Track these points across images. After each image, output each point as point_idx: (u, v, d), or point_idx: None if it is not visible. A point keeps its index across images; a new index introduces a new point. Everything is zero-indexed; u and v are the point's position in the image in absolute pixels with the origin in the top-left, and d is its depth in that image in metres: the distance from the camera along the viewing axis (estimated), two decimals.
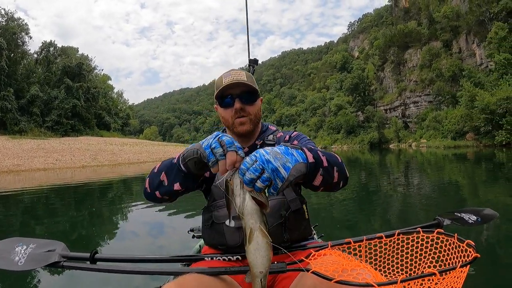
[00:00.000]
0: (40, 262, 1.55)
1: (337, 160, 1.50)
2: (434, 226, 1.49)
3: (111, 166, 32.07)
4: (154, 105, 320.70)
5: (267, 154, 1.19)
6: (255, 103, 1.90)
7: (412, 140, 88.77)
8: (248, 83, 1.81)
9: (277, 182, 1.17)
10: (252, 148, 1.92)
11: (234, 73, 1.84)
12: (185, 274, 1.43)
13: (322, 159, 1.37)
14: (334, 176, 1.44)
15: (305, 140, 1.96)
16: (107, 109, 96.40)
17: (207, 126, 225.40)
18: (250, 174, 1.16)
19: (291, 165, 1.21)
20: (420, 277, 1.22)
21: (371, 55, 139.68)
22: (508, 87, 54.62)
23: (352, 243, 1.47)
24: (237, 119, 1.86)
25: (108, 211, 9.99)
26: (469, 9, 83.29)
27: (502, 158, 27.54)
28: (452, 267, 1.24)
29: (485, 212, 1.75)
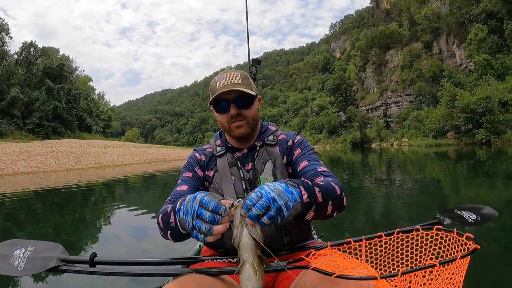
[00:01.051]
0: (40, 267, 1.54)
1: (334, 193, 1.54)
2: (435, 224, 1.51)
3: (95, 169, 31.58)
4: (135, 107, 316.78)
5: (272, 192, 1.22)
6: (252, 107, 1.88)
7: (393, 139, 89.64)
8: (242, 89, 1.78)
9: (277, 220, 1.20)
10: (251, 149, 1.95)
11: (229, 76, 1.82)
12: (185, 275, 1.45)
13: (317, 196, 1.41)
14: (327, 209, 1.49)
15: (307, 150, 1.96)
16: (89, 111, 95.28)
17: (189, 127, 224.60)
18: (257, 211, 1.18)
19: (292, 204, 1.25)
20: (420, 269, 1.25)
21: (353, 56, 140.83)
22: (487, 87, 55.80)
23: (352, 243, 1.48)
24: (233, 123, 1.85)
25: (104, 214, 9.87)
26: (450, 11, 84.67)
27: (483, 156, 28.23)
28: (452, 258, 1.26)
29: (484, 210, 1.76)
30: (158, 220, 1.59)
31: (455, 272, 1.26)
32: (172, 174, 25.21)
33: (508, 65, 59.73)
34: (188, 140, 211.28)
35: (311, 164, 1.83)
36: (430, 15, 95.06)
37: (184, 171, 1.98)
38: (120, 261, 1.56)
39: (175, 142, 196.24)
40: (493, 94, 52.61)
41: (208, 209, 1.19)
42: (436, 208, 8.01)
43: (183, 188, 1.85)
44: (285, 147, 1.97)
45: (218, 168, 1.92)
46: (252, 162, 1.91)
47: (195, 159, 2.01)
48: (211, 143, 2.07)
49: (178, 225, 1.36)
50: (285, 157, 1.93)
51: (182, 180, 1.92)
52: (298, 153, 1.92)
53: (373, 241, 1.47)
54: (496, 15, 67.31)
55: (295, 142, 1.99)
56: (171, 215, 1.45)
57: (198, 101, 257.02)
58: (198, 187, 1.89)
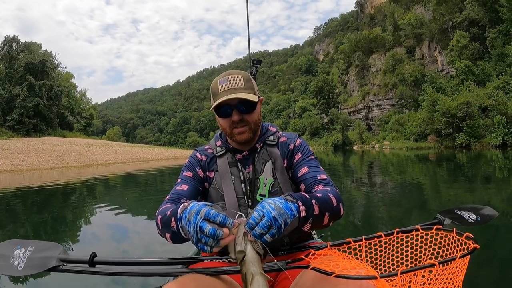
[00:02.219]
0: (40, 267, 1.54)
1: (331, 204, 1.57)
2: (434, 225, 1.52)
3: (79, 168, 30.95)
4: (117, 105, 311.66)
5: (273, 211, 1.26)
6: (254, 111, 1.84)
7: (375, 142, 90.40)
8: (245, 96, 1.74)
9: (275, 237, 1.25)
10: (252, 150, 1.95)
11: (231, 79, 1.78)
12: (185, 274, 1.44)
13: (314, 208, 1.45)
14: (324, 220, 1.53)
15: (308, 155, 1.96)
16: (70, 109, 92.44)
17: (171, 127, 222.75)
18: (260, 230, 1.22)
19: (290, 221, 1.30)
20: (420, 268, 1.25)
21: (336, 59, 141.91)
22: (468, 92, 56.57)
23: (351, 243, 1.49)
24: (236, 129, 1.83)
25: (101, 213, 9.61)
26: (433, 17, 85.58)
27: (463, 159, 28.88)
28: (451, 257, 1.27)
29: (484, 210, 1.77)
30: (157, 221, 1.61)
31: (455, 271, 1.28)
32: (160, 173, 25.42)
33: (489, 72, 60.69)
34: (170, 140, 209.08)
35: (312, 171, 1.86)
36: (413, 21, 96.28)
37: (185, 170, 1.99)
38: (120, 261, 1.55)
39: (157, 142, 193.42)
40: (473, 99, 53.45)
41: (216, 222, 1.21)
42: (418, 210, 8.40)
43: (183, 188, 1.87)
44: (286, 150, 1.98)
45: (218, 168, 1.94)
46: (253, 164, 1.92)
47: (196, 159, 2.01)
48: (211, 144, 2.07)
49: (180, 231, 1.38)
50: (285, 161, 1.95)
51: (182, 179, 1.93)
52: (298, 157, 1.95)
53: (373, 241, 1.51)
54: (478, 23, 68.29)
55: (296, 145, 1.99)
56: (171, 220, 1.47)
57: (180, 101, 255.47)
58: (198, 187, 1.91)
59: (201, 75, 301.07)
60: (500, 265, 4.36)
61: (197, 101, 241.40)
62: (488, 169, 18.81)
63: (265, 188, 1.85)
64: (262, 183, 1.86)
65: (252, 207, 1.83)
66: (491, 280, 3.84)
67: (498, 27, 62.22)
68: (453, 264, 1.25)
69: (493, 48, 63.11)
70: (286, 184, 1.88)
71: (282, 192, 1.85)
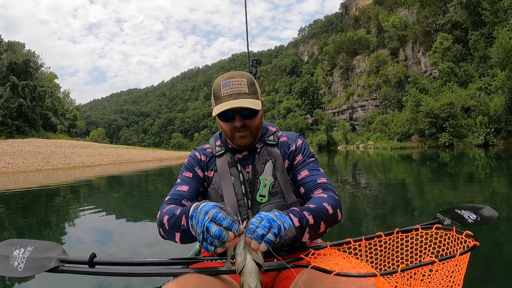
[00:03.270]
0: (39, 268, 1.53)
1: (326, 213, 1.57)
2: (434, 224, 1.52)
3: (65, 170, 30.37)
4: (100, 106, 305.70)
5: (271, 214, 1.31)
6: (257, 116, 1.82)
7: (359, 142, 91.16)
8: (249, 105, 1.71)
9: (278, 237, 1.26)
10: (252, 151, 1.92)
11: (235, 83, 1.75)
12: (185, 274, 1.44)
13: (307, 218, 1.47)
14: (320, 228, 1.54)
15: (308, 157, 1.94)
16: (54, 110, 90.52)
17: (155, 128, 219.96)
18: (261, 231, 1.23)
19: (287, 226, 1.33)
20: (420, 266, 1.25)
21: (320, 60, 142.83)
22: (450, 93, 57.69)
23: (351, 243, 1.49)
24: (237, 133, 1.82)
25: (100, 214, 9.54)
26: (417, 20, 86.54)
27: (446, 158, 29.51)
28: (451, 255, 1.26)
29: (484, 210, 1.76)
30: (163, 221, 1.60)
31: (455, 269, 1.27)
32: (149, 173, 25.54)
33: (471, 73, 61.65)
34: (154, 141, 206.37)
35: (312, 175, 1.85)
36: (397, 23, 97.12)
37: (184, 170, 1.97)
38: (120, 261, 1.54)
39: (141, 143, 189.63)
40: (456, 100, 54.44)
41: (222, 225, 1.23)
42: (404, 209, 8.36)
43: (183, 189, 1.86)
44: (287, 151, 1.95)
45: (218, 168, 1.91)
46: (252, 164, 1.89)
47: (195, 158, 1.99)
48: (210, 143, 2.05)
49: (190, 229, 1.41)
50: (286, 161, 1.93)
51: (182, 180, 1.92)
52: (299, 159, 1.93)
53: (373, 241, 1.51)
54: (461, 26, 69.20)
55: (297, 146, 1.97)
56: (182, 218, 1.48)
57: (165, 102, 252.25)
58: (198, 188, 1.90)
59: (185, 76, 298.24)
60: (501, 263, 4.32)
61: (182, 102, 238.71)
62: (471, 168, 19.22)
63: (265, 188, 1.84)
64: (262, 183, 1.84)
65: (251, 207, 1.83)
66: (492, 279, 3.81)
67: (480, 30, 63.26)
68: (454, 261, 1.25)
69: (476, 50, 64.21)
70: (286, 184, 1.86)
71: (283, 192, 1.84)
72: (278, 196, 1.82)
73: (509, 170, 17.25)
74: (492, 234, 5.41)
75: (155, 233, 1.71)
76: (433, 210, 7.65)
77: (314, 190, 1.77)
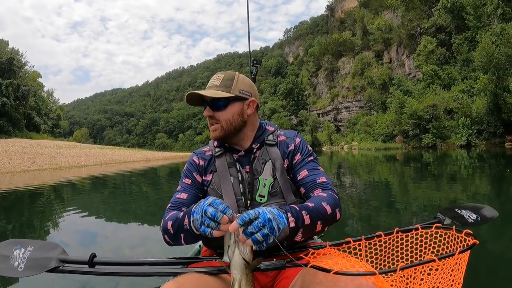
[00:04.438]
0: (40, 268, 1.54)
1: (324, 213, 1.55)
2: (434, 223, 1.52)
3: (52, 170, 29.80)
4: (84, 106, 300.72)
5: (269, 213, 1.30)
6: (225, 110, 1.82)
7: (344, 143, 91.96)
8: (206, 93, 1.76)
9: (269, 239, 1.27)
10: (248, 151, 1.89)
11: (214, 78, 1.83)
12: (184, 274, 1.45)
13: (304, 219, 1.45)
14: (316, 228, 1.52)
15: (307, 156, 1.91)
16: (37, 109, 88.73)
17: (139, 128, 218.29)
18: (252, 229, 1.26)
19: (282, 227, 1.32)
20: (419, 264, 1.24)
21: (306, 62, 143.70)
22: (434, 95, 58.54)
23: (351, 243, 1.49)
24: (211, 125, 1.86)
25: (104, 213, 9.65)
26: (401, 23, 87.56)
27: (430, 158, 29.96)
28: (451, 253, 1.26)
29: (485, 210, 1.75)
30: (167, 227, 1.63)
31: (455, 268, 1.27)
32: (139, 173, 25.73)
33: (454, 76, 62.63)
34: (139, 141, 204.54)
35: (311, 175, 1.83)
36: (382, 26, 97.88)
37: (184, 177, 1.96)
38: (119, 261, 1.56)
39: (125, 143, 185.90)
40: (439, 102, 55.28)
41: (218, 209, 1.30)
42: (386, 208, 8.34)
43: (182, 196, 1.85)
44: (286, 150, 1.92)
45: (217, 168, 1.89)
46: (249, 164, 1.86)
47: (194, 164, 1.96)
48: (209, 145, 2.03)
49: (191, 226, 1.45)
50: (286, 161, 1.89)
51: (182, 187, 1.91)
52: (298, 159, 1.90)
53: (373, 240, 1.51)
54: (445, 29, 70.21)
55: (296, 145, 1.93)
56: (185, 219, 1.52)
57: (149, 102, 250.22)
58: (197, 194, 1.89)
59: (170, 76, 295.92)
60: (502, 262, 4.31)
61: (166, 102, 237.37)
62: (453, 168, 19.61)
63: (264, 188, 1.81)
64: (262, 183, 1.81)
65: (251, 207, 1.78)
66: (492, 278, 3.78)
67: (464, 34, 64.26)
68: (453, 260, 1.26)
69: (459, 53, 65.34)
70: (286, 184, 1.83)
71: (282, 193, 1.81)
72: (277, 196, 1.80)
73: (491, 169, 17.67)
74: (492, 233, 5.37)
75: (155, 232, 1.76)
76: (417, 209, 7.96)
77: (313, 190, 1.76)
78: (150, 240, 6.30)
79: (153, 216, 8.93)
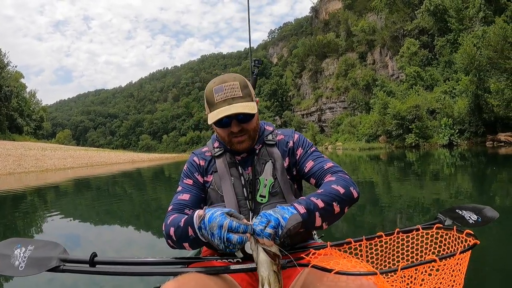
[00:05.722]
0: (41, 267, 1.53)
1: (337, 193, 1.54)
2: (435, 224, 1.49)
3: (38, 173, 29.58)
4: (67, 107, 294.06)
5: (269, 210, 1.37)
6: (252, 120, 1.78)
7: (328, 143, 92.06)
8: (244, 110, 1.69)
9: (279, 230, 1.30)
10: (250, 152, 1.89)
11: (228, 88, 1.71)
12: (185, 273, 1.44)
13: (316, 203, 1.45)
14: (334, 210, 1.51)
15: (309, 147, 1.93)
16: (20, 111, 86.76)
17: (123, 130, 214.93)
18: (259, 226, 1.29)
19: (288, 216, 1.34)
20: (420, 264, 1.24)
21: (290, 63, 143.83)
22: (417, 96, 59.08)
23: (352, 243, 1.47)
24: (235, 138, 1.78)
25: (103, 213, 9.69)
26: (385, 25, 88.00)
27: (413, 157, 30.47)
28: (452, 253, 1.26)
29: (485, 211, 1.74)
30: (170, 233, 1.60)
31: (456, 268, 1.27)
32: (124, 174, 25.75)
33: (436, 77, 63.35)
34: (122, 143, 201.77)
35: (317, 163, 1.83)
36: (366, 28, 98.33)
37: (184, 177, 1.93)
38: (120, 261, 1.55)
39: (109, 145, 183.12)
40: (422, 103, 55.84)
41: (239, 232, 1.30)
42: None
43: (185, 198, 1.83)
44: (285, 149, 1.92)
45: (217, 168, 1.88)
46: (252, 165, 1.86)
47: (194, 164, 1.95)
48: (208, 145, 2.02)
49: (200, 237, 1.43)
50: (287, 159, 1.90)
51: (183, 188, 1.89)
52: (300, 153, 1.90)
53: (374, 241, 1.50)
54: (428, 32, 70.68)
55: (295, 141, 1.94)
56: (188, 229, 1.49)
57: (133, 103, 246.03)
58: (199, 195, 1.87)
59: (154, 77, 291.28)
60: (503, 262, 4.27)
61: (150, 103, 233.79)
62: (436, 167, 19.91)
63: (265, 189, 1.81)
64: (262, 183, 1.81)
65: (252, 208, 1.80)
66: (493, 277, 3.79)
67: (446, 36, 64.79)
68: (454, 260, 1.26)
69: (441, 55, 65.98)
70: (286, 185, 1.84)
71: (283, 192, 1.82)
72: (278, 196, 1.81)
73: (472, 167, 18.04)
74: (492, 232, 5.28)
75: (155, 232, 1.77)
76: (401, 207, 8.12)
77: (323, 177, 1.75)
78: (150, 240, 6.34)
79: (152, 215, 9.03)
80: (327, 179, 1.70)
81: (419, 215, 7.14)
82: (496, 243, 4.90)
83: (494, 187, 10.90)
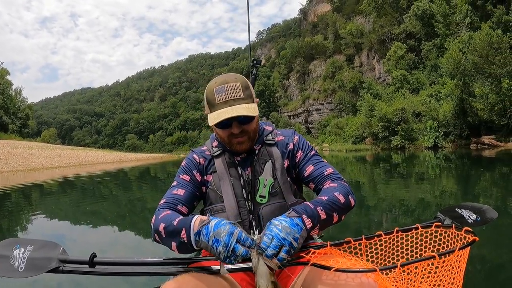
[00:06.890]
0: (40, 268, 1.51)
1: (338, 204, 1.57)
2: (434, 223, 1.49)
3: (26, 172, 29.61)
4: (53, 105, 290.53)
5: (281, 232, 1.32)
6: (254, 120, 1.76)
7: (315, 144, 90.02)
8: (247, 112, 1.66)
9: (291, 252, 1.32)
10: (250, 153, 1.87)
11: (229, 89, 1.68)
12: (184, 273, 1.44)
13: (320, 215, 1.48)
14: (333, 220, 1.55)
15: (309, 151, 1.92)
16: (5, 108, 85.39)
17: (109, 129, 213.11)
18: (271, 251, 1.28)
19: (298, 235, 1.34)
20: (419, 261, 1.23)
21: (277, 64, 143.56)
22: (403, 99, 59.55)
23: (352, 242, 1.47)
24: (235, 139, 1.76)
25: (101, 212, 9.68)
26: (373, 28, 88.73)
27: (398, 159, 30.57)
28: (451, 249, 1.26)
29: (485, 210, 1.75)
30: (159, 228, 1.56)
31: (455, 265, 1.28)
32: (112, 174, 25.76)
33: (422, 81, 63.94)
34: (108, 142, 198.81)
35: (317, 168, 1.83)
36: (354, 31, 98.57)
37: (181, 173, 1.90)
38: (120, 261, 1.53)
39: (95, 144, 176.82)
40: (408, 106, 56.17)
41: (245, 245, 1.31)
42: None
43: (179, 193, 1.80)
44: (285, 150, 1.91)
45: (217, 169, 1.86)
46: (251, 166, 1.84)
47: (194, 161, 1.92)
48: (206, 145, 1.99)
49: (193, 243, 1.41)
50: (286, 161, 1.89)
51: (179, 183, 1.85)
52: (300, 156, 1.89)
53: (373, 240, 1.50)
54: (415, 36, 71.47)
55: (295, 143, 1.93)
56: (182, 230, 1.45)
57: (119, 102, 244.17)
58: (194, 192, 1.85)
59: (141, 76, 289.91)
60: (501, 261, 4.20)
61: (137, 103, 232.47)
62: (421, 169, 20.19)
63: (265, 189, 1.79)
64: (262, 183, 1.80)
65: (251, 208, 1.78)
66: (493, 277, 3.71)
67: (433, 41, 65.43)
68: (453, 257, 1.27)
69: (427, 59, 66.72)
70: (286, 185, 1.83)
71: (282, 193, 1.81)
72: (278, 196, 1.79)
73: (457, 169, 18.35)
74: (492, 232, 5.26)
75: None
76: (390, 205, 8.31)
77: (323, 183, 1.76)
78: (150, 240, 6.05)
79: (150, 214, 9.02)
80: (327, 185, 1.72)
81: (417, 214, 7.27)
82: (493, 241, 4.92)
83: (483, 187, 11.15)
